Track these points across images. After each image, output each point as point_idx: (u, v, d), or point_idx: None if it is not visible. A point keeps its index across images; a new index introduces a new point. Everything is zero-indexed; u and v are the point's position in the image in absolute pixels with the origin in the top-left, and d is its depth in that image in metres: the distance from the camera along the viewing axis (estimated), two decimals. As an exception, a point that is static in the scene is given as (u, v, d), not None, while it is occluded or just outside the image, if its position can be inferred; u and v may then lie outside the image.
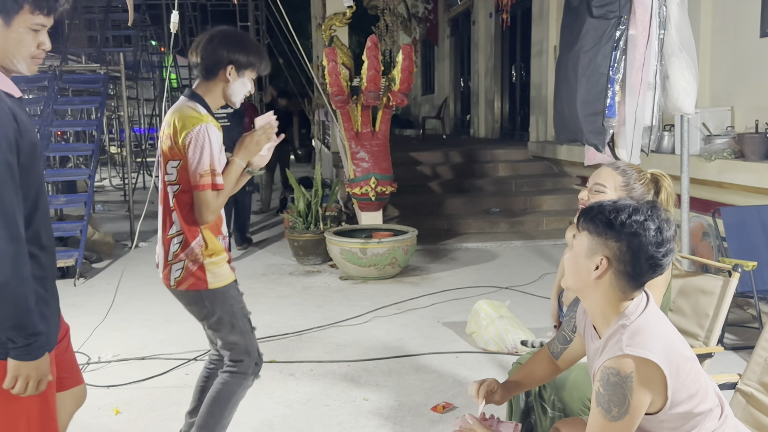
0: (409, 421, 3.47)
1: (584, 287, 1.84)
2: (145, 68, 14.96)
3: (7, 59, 1.87)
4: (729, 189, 5.65)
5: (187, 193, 2.58)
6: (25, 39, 1.86)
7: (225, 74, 2.61)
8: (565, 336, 2.25)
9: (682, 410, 1.79)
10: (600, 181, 2.49)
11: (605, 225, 1.77)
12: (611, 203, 1.82)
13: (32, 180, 1.87)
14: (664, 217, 1.80)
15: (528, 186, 9.36)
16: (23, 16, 1.83)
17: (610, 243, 1.77)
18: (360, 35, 16.68)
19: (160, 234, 2.69)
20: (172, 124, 2.57)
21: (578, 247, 1.83)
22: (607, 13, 3.81)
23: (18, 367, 1.82)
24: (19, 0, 1.81)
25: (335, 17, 8.02)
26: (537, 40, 10.62)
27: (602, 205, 1.82)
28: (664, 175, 2.55)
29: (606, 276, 1.78)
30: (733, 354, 4.16)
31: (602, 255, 1.77)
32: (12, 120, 1.79)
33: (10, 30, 1.83)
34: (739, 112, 6.13)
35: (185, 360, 4.36)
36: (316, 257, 6.94)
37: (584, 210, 1.86)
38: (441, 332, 4.85)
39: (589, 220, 1.81)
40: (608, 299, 1.82)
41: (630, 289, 1.80)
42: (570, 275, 1.87)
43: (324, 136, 11.61)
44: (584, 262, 1.81)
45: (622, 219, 1.75)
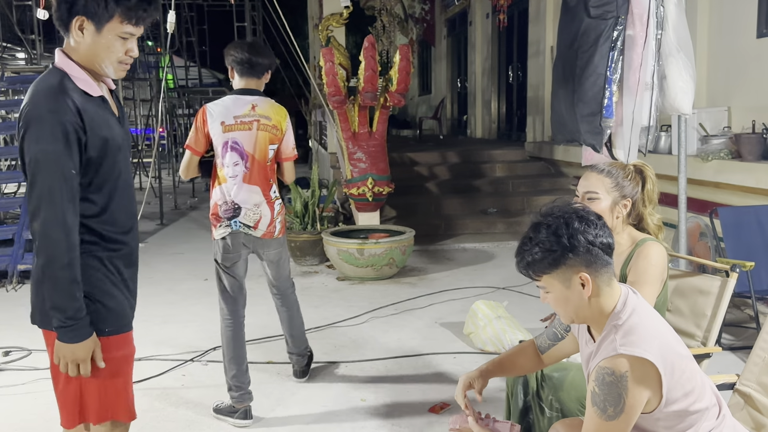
0: (406, 422, 3.47)
1: (584, 311, 1.85)
2: (142, 68, 14.94)
3: (96, 63, 2.00)
4: (726, 189, 5.66)
5: (273, 167, 3.60)
6: (114, 45, 1.98)
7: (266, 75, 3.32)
8: (556, 333, 2.24)
9: (678, 408, 1.79)
10: (591, 188, 2.49)
11: (554, 257, 1.78)
12: (532, 241, 1.82)
13: (105, 173, 2.01)
14: (573, 208, 1.85)
15: (525, 186, 9.36)
16: (113, 24, 1.96)
17: (572, 262, 1.78)
18: (357, 36, 16.67)
19: (261, 201, 3.50)
20: (273, 116, 3.50)
21: (553, 289, 1.83)
22: (605, 13, 3.80)
23: (58, 347, 1.95)
24: (110, 9, 1.94)
25: (332, 18, 8.01)
26: (534, 41, 10.62)
27: (525, 249, 1.83)
28: (646, 165, 2.56)
29: (592, 286, 1.80)
30: (731, 354, 4.16)
31: (577, 274, 1.79)
32: (74, 114, 1.91)
33: (100, 36, 1.97)
34: (736, 112, 6.14)
35: (182, 361, 4.35)
36: (313, 258, 6.93)
37: (519, 264, 1.85)
38: (438, 333, 4.85)
39: (536, 266, 1.81)
40: (599, 304, 1.84)
41: (609, 279, 1.83)
42: (568, 313, 1.87)
43: (321, 136, 11.60)
44: (569, 293, 1.82)
45: (553, 240, 1.78)
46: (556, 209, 1.85)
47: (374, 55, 6.44)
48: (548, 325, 3.05)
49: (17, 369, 4.28)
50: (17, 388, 3.99)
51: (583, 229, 1.79)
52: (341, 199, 8.09)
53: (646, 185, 2.50)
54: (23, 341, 4.65)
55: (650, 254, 2.43)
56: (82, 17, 1.94)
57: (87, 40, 1.96)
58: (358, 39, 17.17)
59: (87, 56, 1.99)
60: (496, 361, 2.30)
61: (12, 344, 4.63)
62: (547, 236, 1.79)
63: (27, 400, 3.84)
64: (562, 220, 1.80)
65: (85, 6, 1.93)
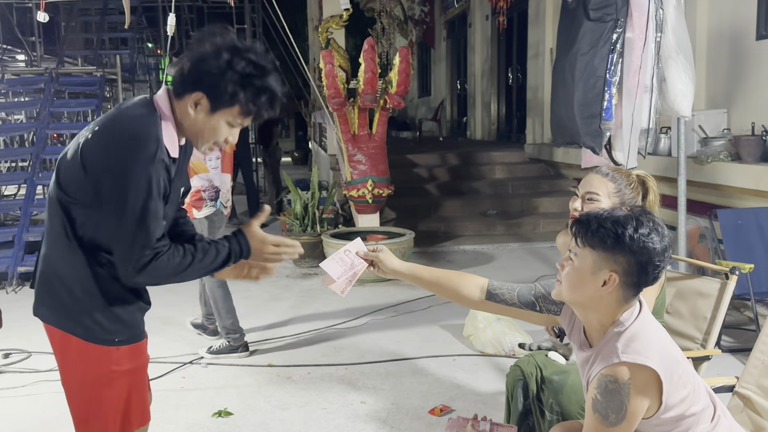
0: (406, 425, 3.47)
1: (586, 301, 1.82)
2: (142, 70, 14.96)
3: (194, 136, 1.95)
4: (725, 191, 5.66)
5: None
6: (220, 129, 1.93)
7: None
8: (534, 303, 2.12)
9: (676, 413, 1.79)
10: (592, 189, 2.47)
11: (613, 240, 1.74)
12: (608, 215, 1.78)
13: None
14: (661, 225, 1.80)
15: (524, 188, 9.36)
16: (230, 111, 1.89)
17: (619, 258, 1.74)
18: (356, 38, 16.68)
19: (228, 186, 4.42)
20: None
21: (582, 263, 1.79)
22: (604, 16, 3.81)
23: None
24: (234, 100, 1.86)
25: (332, 20, 8.02)
26: (533, 43, 10.63)
27: (601, 217, 1.78)
28: (648, 176, 2.55)
29: (612, 289, 1.77)
30: (731, 356, 4.16)
31: (610, 270, 1.75)
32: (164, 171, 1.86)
33: (211, 118, 1.90)
34: (735, 114, 6.15)
35: (181, 363, 4.35)
36: (313, 260, 6.92)
37: (581, 223, 1.80)
38: (438, 335, 4.85)
39: (592, 235, 1.77)
40: (610, 310, 1.81)
41: (632, 297, 1.80)
42: (572, 291, 1.82)
43: (320, 138, 11.61)
44: (590, 278, 1.78)
45: (630, 234, 1.73)
46: (653, 215, 1.81)
47: (374, 57, 6.45)
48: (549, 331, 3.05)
49: (17, 371, 4.28)
50: (17, 391, 3.99)
51: (654, 248, 1.74)
52: (341, 201, 8.09)
53: (648, 196, 2.49)
54: (23, 343, 4.64)
55: None
56: (202, 95, 1.87)
57: (197, 117, 1.90)
58: (357, 41, 17.18)
59: (188, 126, 1.94)
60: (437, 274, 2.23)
61: (12, 346, 4.62)
62: (627, 224, 1.75)
63: (27, 402, 3.84)
64: (652, 225, 1.76)
65: (211, 88, 1.85)
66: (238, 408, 3.70)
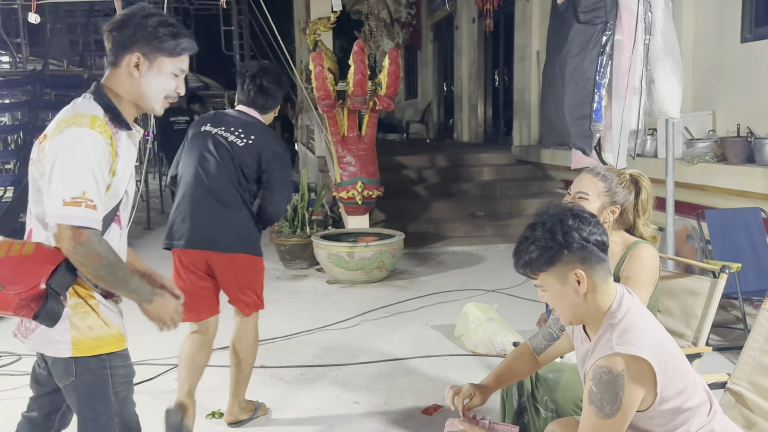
0: (401, 424, 3.49)
1: (580, 308, 1.88)
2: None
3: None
4: (711, 192, 5.73)
5: None
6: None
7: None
8: (552, 333, 2.28)
9: (671, 406, 1.83)
10: (582, 189, 2.52)
11: (550, 254, 1.82)
12: (528, 239, 1.86)
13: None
14: (567, 207, 1.90)
15: (513, 190, 9.42)
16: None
17: (567, 259, 1.82)
18: (342, 40, 16.70)
19: None
20: None
21: (550, 287, 1.87)
22: (594, 18, 3.85)
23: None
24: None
25: (319, 22, 8.03)
26: (520, 45, 10.70)
27: (521, 248, 1.86)
28: (642, 175, 2.59)
29: (586, 282, 1.83)
30: (718, 355, 4.21)
31: (572, 272, 1.82)
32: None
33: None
34: (721, 116, 6.22)
35: (173, 365, 4.33)
36: (302, 261, 6.94)
37: (517, 264, 1.88)
38: (430, 335, 4.87)
39: (533, 264, 1.85)
40: (596, 301, 1.87)
41: (605, 276, 1.87)
42: (567, 312, 1.90)
43: (308, 140, 11.61)
44: (565, 291, 1.85)
45: (548, 238, 1.82)
46: (551, 209, 1.89)
47: (364, 59, 6.47)
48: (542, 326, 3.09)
49: (7, 374, 4.26)
50: (8, 393, 3.97)
51: (578, 226, 1.83)
52: (329, 202, 8.11)
53: (641, 195, 2.53)
54: (13, 346, 4.62)
55: (643, 256, 2.47)
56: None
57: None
58: (343, 43, 17.19)
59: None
60: (494, 375, 2.31)
61: (1, 350, 4.60)
62: (542, 234, 1.83)
63: (18, 405, 3.80)
64: (556, 218, 1.84)
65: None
66: (231, 409, 3.70)
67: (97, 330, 2.02)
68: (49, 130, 1.96)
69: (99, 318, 2.03)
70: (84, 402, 2.05)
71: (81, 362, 2.00)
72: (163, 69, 2.04)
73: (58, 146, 1.88)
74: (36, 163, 1.97)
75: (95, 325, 2.02)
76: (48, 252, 1.92)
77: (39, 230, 2.01)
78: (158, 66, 2.04)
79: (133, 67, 2.02)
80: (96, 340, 2.01)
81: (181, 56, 2.08)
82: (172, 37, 2.03)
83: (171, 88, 2.08)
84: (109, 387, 2.05)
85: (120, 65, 2.03)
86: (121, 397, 2.09)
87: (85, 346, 2.00)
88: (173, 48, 2.04)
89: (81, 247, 1.86)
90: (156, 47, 2.02)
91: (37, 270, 1.88)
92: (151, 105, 2.08)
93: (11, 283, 1.87)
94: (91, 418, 2.06)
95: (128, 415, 2.14)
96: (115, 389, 2.06)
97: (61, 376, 2.04)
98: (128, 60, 2.01)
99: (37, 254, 1.91)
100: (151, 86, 2.04)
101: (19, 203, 2.06)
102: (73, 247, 1.86)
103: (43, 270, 1.89)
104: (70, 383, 2.03)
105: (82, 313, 2.00)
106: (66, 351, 1.99)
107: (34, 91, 7.98)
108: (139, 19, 2.01)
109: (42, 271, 1.88)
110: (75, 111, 1.95)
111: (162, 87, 2.07)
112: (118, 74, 2.04)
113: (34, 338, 2.01)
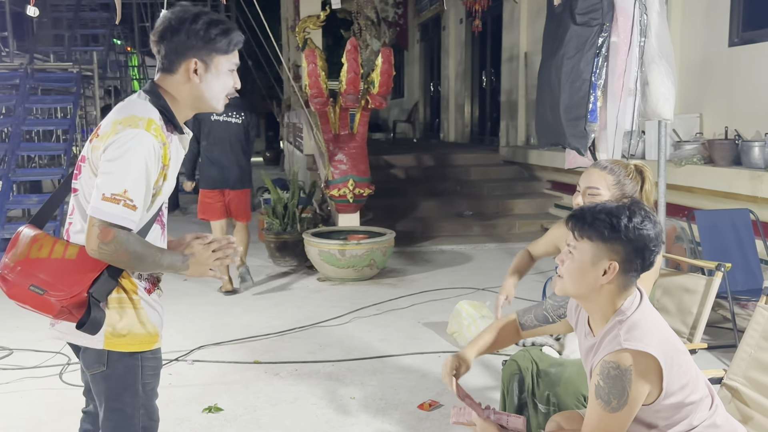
0: (397, 418, 3.51)
1: (588, 292, 1.90)
2: (112, 68, 14.77)
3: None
4: (698, 193, 5.82)
5: None
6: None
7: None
8: (547, 317, 2.30)
9: (675, 400, 1.87)
10: (592, 183, 2.55)
11: (610, 231, 1.82)
12: (602, 207, 1.87)
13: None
14: (652, 213, 1.90)
15: (499, 190, 9.48)
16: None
17: (617, 247, 1.83)
18: (328, 38, 16.68)
19: None
20: None
21: (581, 255, 1.86)
22: (590, 20, 3.91)
23: None
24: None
25: (309, 20, 8.00)
26: (508, 46, 10.77)
27: (595, 210, 1.87)
28: (645, 166, 2.64)
29: (612, 277, 1.85)
30: (708, 353, 4.28)
31: (609, 260, 1.83)
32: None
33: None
34: (708, 118, 6.32)
35: (167, 360, 4.33)
36: (293, 258, 6.93)
37: (576, 217, 1.88)
38: (422, 332, 4.90)
39: (589, 227, 1.85)
40: (610, 299, 1.89)
41: (631, 284, 1.89)
42: (575, 283, 1.90)
43: (295, 138, 11.60)
44: (590, 269, 1.86)
45: (625, 223, 1.82)
46: (643, 205, 1.90)
47: (357, 57, 6.50)
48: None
49: (0, 368, 4.23)
50: (2, 387, 3.94)
51: (647, 235, 1.83)
52: (318, 200, 8.11)
53: (645, 185, 2.58)
54: (4, 341, 4.59)
55: None
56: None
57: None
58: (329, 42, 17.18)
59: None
60: (475, 343, 2.32)
61: (-8, 344, 4.57)
62: (619, 214, 1.83)
63: (13, 399, 3.80)
64: (644, 216, 1.85)
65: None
66: (227, 404, 3.71)
67: (133, 329, 2.01)
68: (103, 129, 1.94)
69: (137, 316, 2.02)
70: (112, 391, 2.05)
71: (114, 353, 2.00)
72: (221, 68, 2.04)
73: (111, 146, 1.88)
74: (89, 162, 1.96)
75: (133, 324, 2.01)
76: (90, 259, 1.91)
77: (79, 229, 1.99)
78: (216, 67, 2.03)
79: (192, 73, 2.01)
80: (131, 337, 2.01)
81: (234, 52, 2.08)
82: (224, 35, 2.02)
83: (230, 85, 2.09)
84: (138, 378, 2.05)
85: (176, 71, 2.02)
86: (148, 389, 2.09)
87: (119, 342, 1.99)
88: (227, 46, 2.03)
89: (106, 247, 1.85)
90: (211, 49, 2.01)
91: (79, 279, 1.89)
92: (213, 105, 2.09)
93: (53, 289, 1.87)
94: (117, 408, 2.06)
95: (153, 407, 2.15)
96: (144, 381, 2.06)
97: (91, 365, 2.03)
98: (185, 66, 2.01)
99: (79, 260, 1.91)
100: (211, 88, 2.05)
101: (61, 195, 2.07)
102: (98, 246, 1.86)
103: (85, 278, 1.89)
104: (100, 372, 2.02)
105: (122, 309, 2.00)
106: (99, 343, 1.98)
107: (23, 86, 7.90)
108: (189, 24, 1.98)
109: (85, 280, 1.89)
110: (131, 112, 1.94)
111: (222, 86, 2.07)
112: (175, 80, 2.03)
113: (65, 326, 1.99)
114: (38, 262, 1.90)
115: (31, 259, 1.91)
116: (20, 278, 1.90)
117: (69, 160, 7.74)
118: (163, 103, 2.00)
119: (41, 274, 1.88)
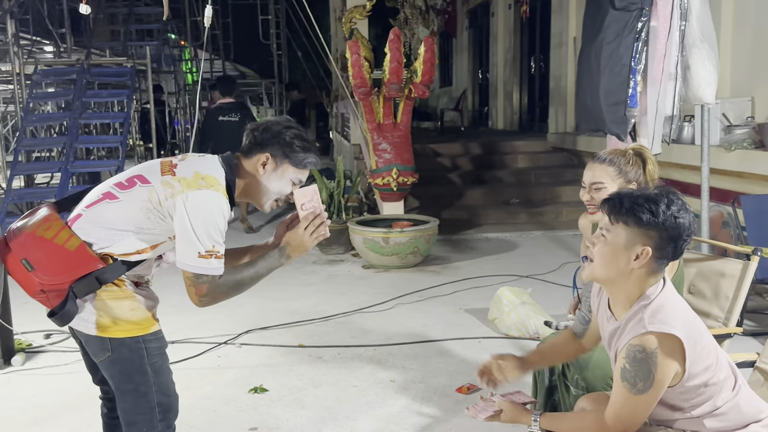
0: (435, 401, 3.59)
1: (617, 276, 1.93)
2: (166, 62, 15.15)
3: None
4: (749, 179, 5.69)
5: None
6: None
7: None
8: (584, 316, 2.36)
9: (699, 382, 1.89)
10: (596, 179, 2.56)
11: (649, 216, 1.85)
12: (640, 193, 1.90)
13: None
14: (687, 203, 1.92)
15: (547, 177, 9.42)
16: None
17: (652, 233, 1.86)
18: (377, 28, 16.71)
19: None
20: None
21: (615, 238, 1.89)
22: (629, 4, 3.88)
23: None
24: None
25: (355, 10, 8.09)
26: (556, 32, 10.65)
27: (633, 195, 1.90)
28: (643, 147, 2.64)
29: (644, 263, 1.88)
30: (752, 340, 4.22)
31: (643, 245, 1.87)
32: None
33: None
34: (760, 102, 6.16)
35: (216, 343, 4.50)
36: (338, 246, 7.06)
37: (613, 201, 1.91)
38: (463, 319, 4.96)
39: (626, 212, 1.88)
40: (639, 284, 1.92)
41: (660, 271, 1.92)
42: (605, 267, 1.92)
43: (343, 128, 11.72)
44: (623, 252, 1.89)
45: (663, 210, 1.85)
46: (679, 194, 1.93)
47: (399, 47, 6.54)
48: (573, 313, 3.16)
49: (59, 350, 4.46)
50: (60, 369, 4.17)
51: (682, 224, 1.87)
52: (365, 189, 8.21)
53: (647, 166, 2.57)
54: (63, 324, 4.83)
55: None
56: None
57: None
58: (378, 31, 17.21)
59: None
60: (540, 350, 2.39)
61: (52, 327, 4.80)
62: (659, 201, 1.87)
63: (70, 379, 4.01)
64: (681, 203, 1.88)
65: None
66: (272, 385, 3.85)
67: (125, 316, 2.14)
68: (183, 174, 2.15)
69: (130, 305, 2.16)
70: (122, 374, 2.19)
71: (115, 339, 2.14)
72: (286, 174, 2.29)
73: (195, 205, 2.10)
74: (154, 191, 2.13)
75: (123, 312, 2.14)
76: (87, 257, 2.06)
77: (88, 227, 2.13)
78: (282, 170, 2.28)
79: (260, 164, 2.26)
80: (125, 323, 2.14)
81: (305, 169, 2.31)
82: (303, 150, 2.28)
83: (285, 192, 2.31)
84: (144, 360, 2.18)
85: (251, 158, 2.28)
86: (156, 367, 2.22)
87: (116, 329, 2.13)
88: (301, 160, 2.28)
89: (205, 298, 2.14)
90: (286, 154, 2.27)
91: (68, 270, 2.04)
92: (261, 201, 2.34)
93: (41, 270, 2.03)
94: (130, 389, 2.19)
95: (165, 384, 2.27)
96: (151, 361, 2.20)
97: (96, 352, 2.18)
98: (258, 157, 2.26)
99: (76, 254, 2.05)
100: (270, 184, 2.29)
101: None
102: (200, 301, 2.15)
103: (74, 273, 2.04)
104: (107, 358, 2.16)
105: (113, 300, 2.13)
106: (92, 329, 2.12)
107: (80, 80, 8.20)
108: (281, 128, 2.28)
109: (73, 273, 2.04)
110: (214, 174, 2.17)
111: (279, 189, 2.30)
112: (246, 164, 2.29)
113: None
114: (40, 240, 2.05)
115: (36, 236, 2.07)
116: (18, 249, 2.06)
117: (125, 152, 8.03)
118: (231, 178, 2.24)
119: (37, 252, 2.04)
